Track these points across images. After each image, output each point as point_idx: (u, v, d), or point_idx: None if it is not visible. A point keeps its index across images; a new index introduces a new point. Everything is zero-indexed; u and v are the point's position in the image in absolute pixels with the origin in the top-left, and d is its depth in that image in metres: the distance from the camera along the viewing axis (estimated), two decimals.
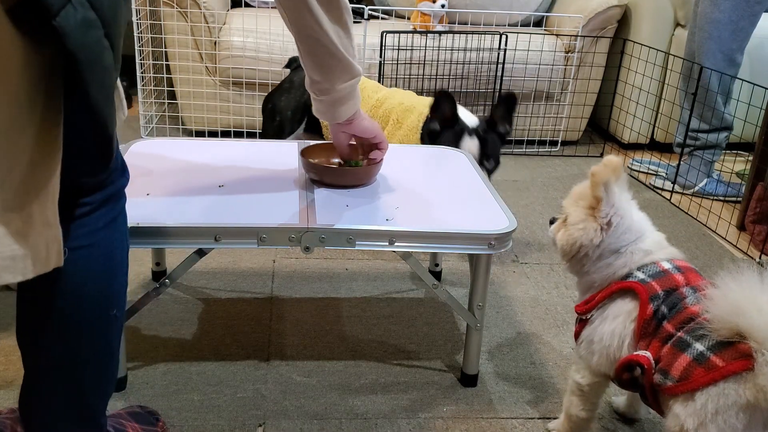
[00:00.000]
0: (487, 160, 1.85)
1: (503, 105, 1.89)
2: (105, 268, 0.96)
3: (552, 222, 1.27)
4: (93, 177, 0.93)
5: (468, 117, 1.90)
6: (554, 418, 1.36)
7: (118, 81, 0.94)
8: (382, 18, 3.15)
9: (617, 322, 1.12)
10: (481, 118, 1.91)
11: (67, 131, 0.81)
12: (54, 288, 0.92)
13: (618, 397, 1.42)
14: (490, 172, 1.88)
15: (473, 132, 1.85)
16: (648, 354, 1.07)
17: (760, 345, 0.92)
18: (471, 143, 1.84)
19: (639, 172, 2.84)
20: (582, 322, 1.19)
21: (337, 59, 1.20)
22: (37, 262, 0.79)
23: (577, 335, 1.21)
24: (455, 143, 1.82)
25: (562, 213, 1.22)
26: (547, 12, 3.09)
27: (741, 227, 2.33)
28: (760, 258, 2.14)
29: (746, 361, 0.94)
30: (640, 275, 1.12)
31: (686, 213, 2.48)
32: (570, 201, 1.21)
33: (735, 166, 2.82)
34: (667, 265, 1.13)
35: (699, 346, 0.99)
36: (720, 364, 0.96)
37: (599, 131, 3.28)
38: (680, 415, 1.00)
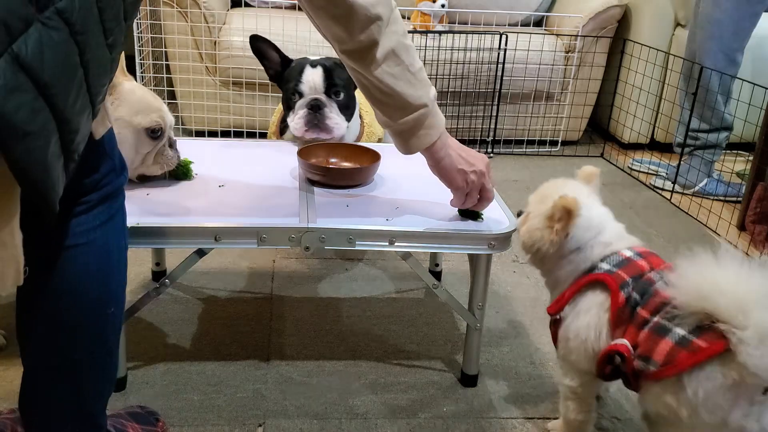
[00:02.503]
0: (335, 93, 1.64)
1: None
2: (102, 266, 0.96)
3: (519, 215, 1.28)
4: (100, 181, 0.93)
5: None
6: (554, 418, 1.36)
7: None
8: None
9: (590, 315, 1.14)
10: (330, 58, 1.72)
11: None
12: (50, 287, 0.92)
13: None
14: (344, 106, 1.66)
15: (316, 64, 1.65)
16: (626, 341, 1.08)
17: (730, 325, 0.94)
18: (314, 74, 1.63)
19: (639, 172, 2.84)
20: (556, 323, 1.20)
21: (388, 96, 1.13)
22: None
23: (554, 337, 1.22)
24: (299, 77, 1.63)
25: (527, 208, 1.24)
26: (547, 12, 3.09)
27: (741, 227, 2.33)
28: (760, 258, 2.13)
29: (726, 341, 0.95)
30: (605, 266, 1.14)
31: (686, 213, 2.48)
32: (535, 199, 1.23)
33: (735, 166, 2.82)
34: (628, 253, 1.15)
35: (679, 331, 1.01)
36: (703, 345, 0.98)
37: (599, 131, 3.28)
38: (672, 404, 1.02)
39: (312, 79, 1.63)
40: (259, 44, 1.70)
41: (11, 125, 0.69)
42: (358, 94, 1.81)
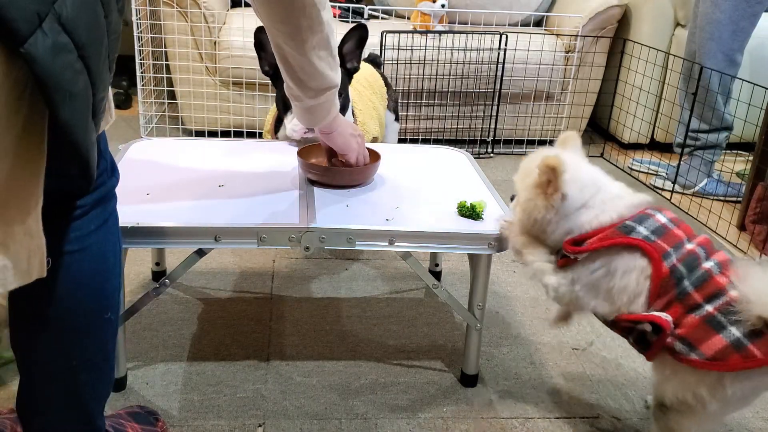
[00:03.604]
0: None
1: (353, 38, 1.67)
2: (98, 272, 0.95)
3: (513, 199, 1.27)
4: (77, 190, 0.91)
5: None
6: (555, 418, 1.37)
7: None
8: (382, 18, 3.15)
9: (630, 278, 1.10)
10: None
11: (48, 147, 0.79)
12: (46, 293, 0.91)
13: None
14: (341, 107, 1.63)
15: None
16: (669, 318, 1.07)
17: None
18: None
19: (639, 172, 2.84)
20: (567, 259, 1.17)
21: (311, 76, 1.20)
22: (18, 273, 0.77)
23: (561, 266, 1.19)
24: None
25: (515, 190, 1.24)
26: (547, 12, 3.09)
27: (741, 227, 2.33)
28: (760, 258, 2.14)
29: None
30: (643, 231, 1.10)
31: (686, 213, 2.48)
32: (519, 177, 1.22)
33: (735, 166, 2.82)
34: (662, 219, 1.12)
35: (735, 332, 1.02)
36: (758, 355, 1.01)
37: (599, 131, 3.28)
38: (704, 396, 1.06)
39: None
40: (262, 35, 1.68)
41: (60, 85, 0.71)
42: (357, 94, 1.81)
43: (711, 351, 1.04)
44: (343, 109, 1.67)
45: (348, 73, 1.70)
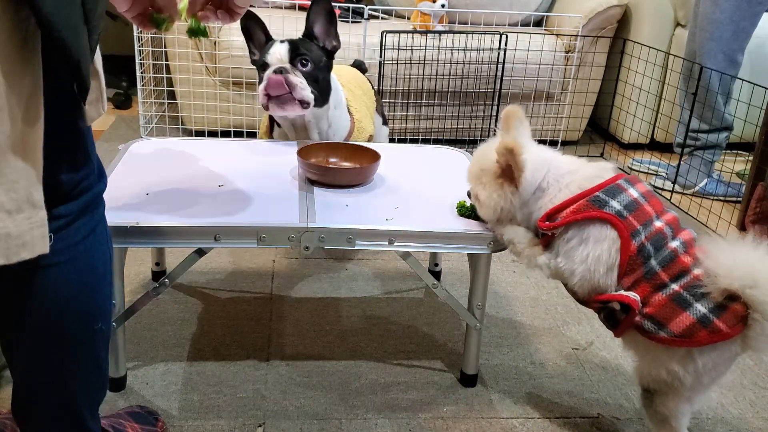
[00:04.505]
0: (302, 63, 1.61)
1: (318, 14, 1.64)
2: (86, 283, 0.91)
3: (469, 195, 1.29)
4: (81, 182, 0.88)
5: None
6: (555, 418, 1.37)
7: (101, 75, 0.90)
8: (382, 18, 3.15)
9: (602, 248, 1.12)
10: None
11: (50, 125, 0.77)
12: (33, 306, 0.88)
13: None
14: (312, 78, 1.63)
15: (284, 40, 1.64)
16: (637, 297, 1.10)
17: (761, 315, 1.03)
18: (280, 47, 1.62)
19: (639, 172, 2.84)
20: (546, 237, 1.19)
21: None
22: (22, 244, 0.75)
23: (545, 247, 1.21)
24: (266, 51, 1.63)
25: (472, 191, 1.26)
26: (547, 12, 3.09)
27: (741, 227, 2.33)
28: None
29: (742, 325, 1.05)
30: (616, 205, 1.11)
31: (686, 213, 2.48)
32: (471, 175, 1.24)
33: (735, 166, 2.82)
34: (634, 193, 1.14)
35: (701, 308, 1.06)
36: (723, 329, 1.05)
37: (599, 131, 3.28)
38: (678, 372, 1.10)
39: (278, 51, 1.62)
40: (249, 22, 1.69)
41: None
42: (351, 93, 1.81)
43: (679, 328, 1.07)
44: (323, 97, 1.66)
45: (328, 54, 1.68)
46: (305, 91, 1.59)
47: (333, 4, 1.70)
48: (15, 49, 0.72)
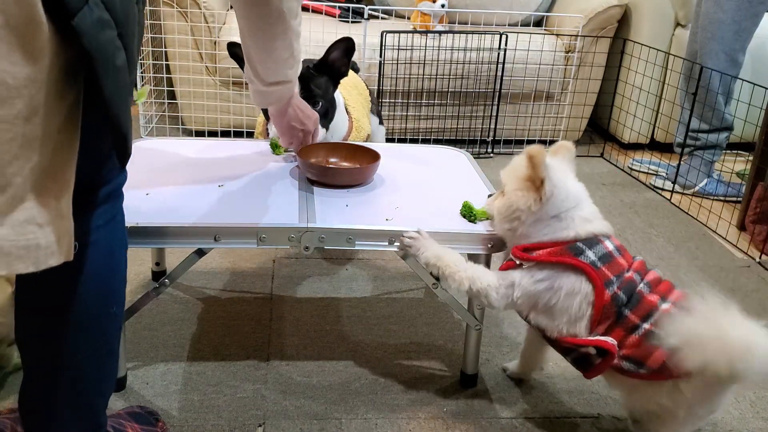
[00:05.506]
0: (314, 104, 1.56)
1: (339, 48, 1.63)
2: (105, 266, 0.97)
3: (489, 196, 1.31)
4: (106, 175, 0.94)
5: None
6: (555, 418, 1.37)
7: None
8: (382, 18, 3.15)
9: (573, 301, 1.15)
10: (312, 61, 1.67)
11: (84, 130, 0.83)
12: (55, 285, 0.92)
13: (510, 363, 1.50)
14: (322, 116, 1.60)
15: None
16: (614, 341, 1.13)
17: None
18: None
19: (639, 172, 2.84)
20: (511, 263, 1.21)
21: (266, 69, 1.27)
22: (50, 253, 0.79)
23: (503, 269, 1.23)
24: None
25: (501, 188, 1.27)
26: (547, 12, 3.09)
27: (741, 227, 2.33)
28: (760, 258, 2.14)
29: None
30: (591, 256, 1.15)
31: (686, 213, 2.48)
32: (507, 173, 1.25)
33: (735, 166, 2.82)
34: (610, 246, 1.17)
35: (672, 341, 1.06)
36: None
37: (599, 131, 3.28)
38: (668, 405, 1.12)
39: None
40: (237, 50, 1.67)
41: (106, 58, 0.76)
42: (347, 92, 1.81)
43: (657, 364, 1.10)
44: (330, 121, 1.66)
45: (334, 78, 1.67)
46: (319, 133, 1.56)
47: (333, 4, 1.70)
48: (59, 80, 0.77)
